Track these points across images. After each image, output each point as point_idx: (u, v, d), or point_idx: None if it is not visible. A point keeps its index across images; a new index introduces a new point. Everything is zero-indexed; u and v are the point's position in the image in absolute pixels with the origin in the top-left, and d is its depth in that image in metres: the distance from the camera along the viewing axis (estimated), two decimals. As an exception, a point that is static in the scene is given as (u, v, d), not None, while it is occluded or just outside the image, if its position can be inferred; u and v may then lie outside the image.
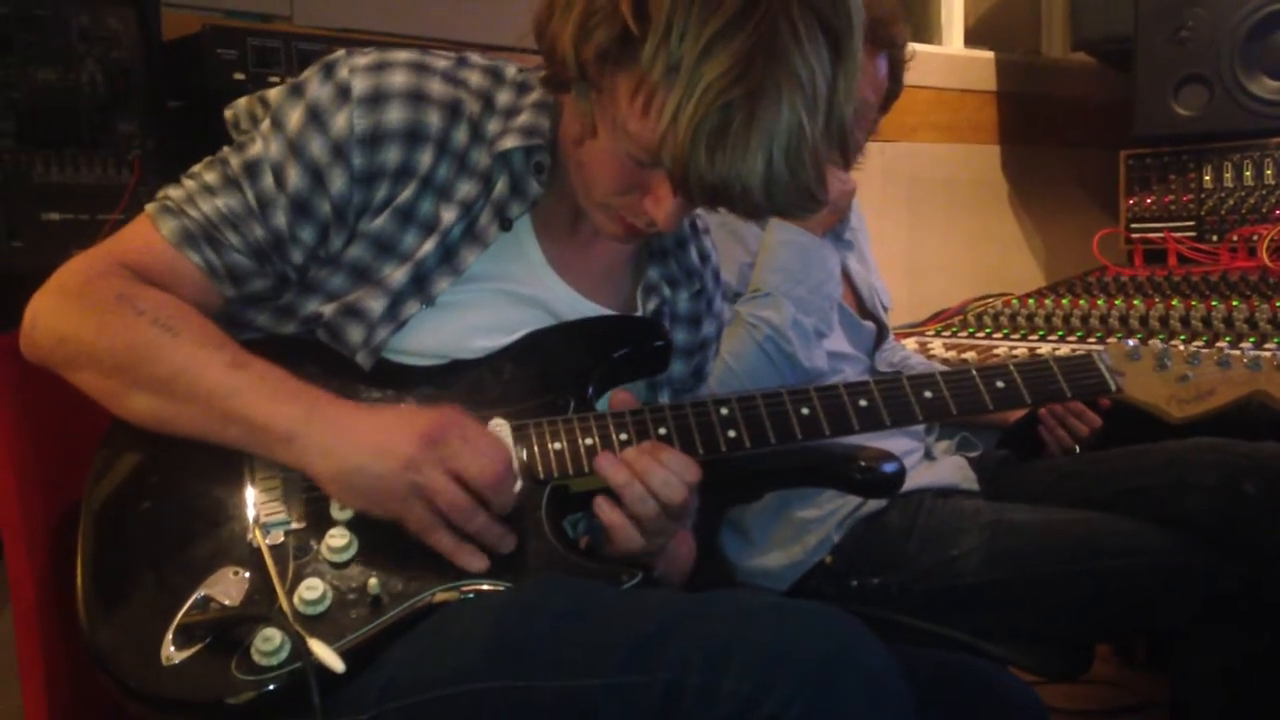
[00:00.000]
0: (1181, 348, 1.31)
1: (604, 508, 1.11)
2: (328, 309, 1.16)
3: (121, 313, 1.08)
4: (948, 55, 3.48)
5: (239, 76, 1.65)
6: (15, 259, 1.52)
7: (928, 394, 1.22)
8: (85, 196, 1.60)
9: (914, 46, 1.95)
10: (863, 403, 1.20)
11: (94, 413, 1.13)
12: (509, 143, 1.18)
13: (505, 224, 1.20)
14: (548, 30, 1.09)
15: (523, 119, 1.19)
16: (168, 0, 1.70)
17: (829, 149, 1.06)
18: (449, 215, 1.17)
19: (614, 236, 1.19)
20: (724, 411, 1.17)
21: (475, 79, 1.21)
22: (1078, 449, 2.01)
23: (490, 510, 1.07)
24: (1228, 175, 2.79)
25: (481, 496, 1.06)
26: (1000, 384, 1.24)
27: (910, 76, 1.96)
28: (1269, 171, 2.74)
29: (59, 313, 1.11)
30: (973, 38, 3.68)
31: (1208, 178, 2.82)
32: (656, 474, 1.10)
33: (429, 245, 1.16)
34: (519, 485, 1.10)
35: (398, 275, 1.15)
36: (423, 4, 2.20)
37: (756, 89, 0.98)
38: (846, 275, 2.00)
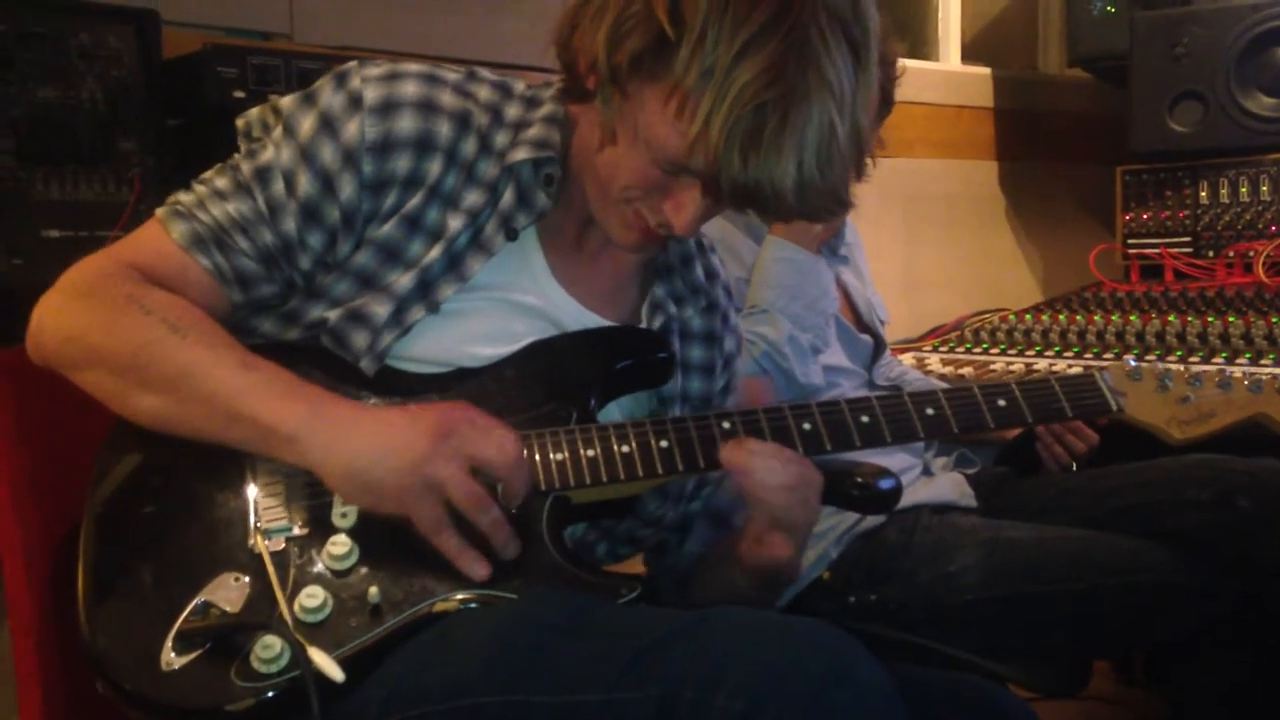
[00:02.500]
0: (1183, 369, 1.31)
1: (771, 540, 1.16)
2: (333, 314, 1.17)
3: (130, 313, 1.09)
4: (945, 71, 3.49)
5: (239, 94, 1.66)
6: (15, 276, 1.53)
7: (929, 411, 1.22)
8: (85, 214, 1.60)
9: (909, 63, 1.97)
10: (864, 419, 1.20)
11: (93, 428, 1.13)
12: (520, 154, 1.19)
13: (511, 234, 1.20)
14: (572, 40, 1.11)
15: (533, 132, 1.20)
16: (168, 19, 1.71)
17: (853, 155, 1.08)
18: (455, 224, 1.18)
19: (627, 243, 1.19)
20: (726, 426, 1.18)
21: (484, 93, 1.22)
22: (1075, 466, 2.01)
23: (500, 508, 1.07)
24: (1224, 191, 2.80)
25: (499, 479, 1.06)
26: (1002, 402, 1.24)
27: (907, 92, 1.97)
28: (1265, 187, 2.75)
29: (67, 313, 1.12)
30: (969, 54, 3.70)
31: (1204, 194, 2.83)
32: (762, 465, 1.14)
33: (435, 252, 1.17)
34: (527, 481, 1.10)
35: (403, 281, 1.16)
36: (422, 22, 2.21)
37: (789, 92, 1.00)
38: (843, 290, 2.01)
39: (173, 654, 1.01)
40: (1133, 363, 1.31)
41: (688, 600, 1.39)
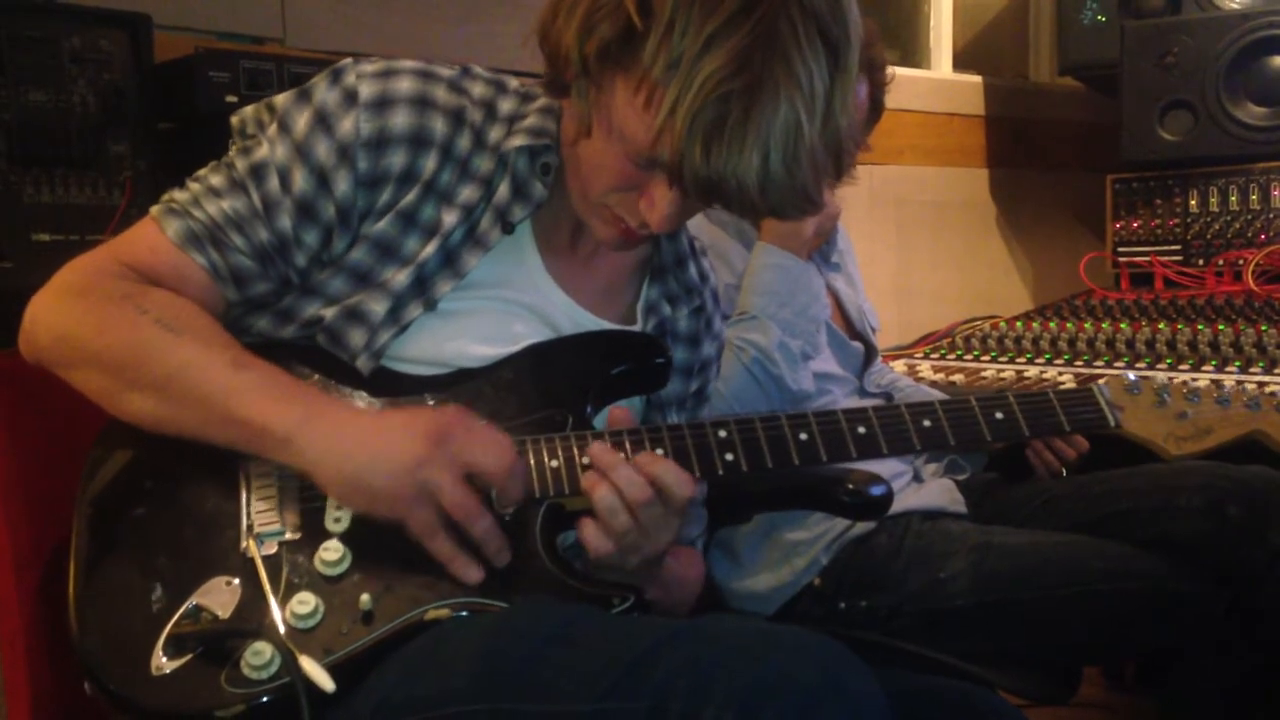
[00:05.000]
0: (1181, 383, 1.30)
1: (585, 526, 1.10)
2: (329, 312, 1.16)
3: (124, 312, 1.08)
4: (936, 79, 3.50)
5: (231, 99, 1.66)
6: (4, 280, 1.52)
7: (926, 423, 1.21)
8: (76, 217, 1.60)
9: (900, 70, 1.97)
10: (861, 430, 1.19)
11: (86, 433, 1.13)
12: (517, 141, 1.19)
13: (507, 227, 1.20)
14: (552, 30, 1.10)
15: (529, 121, 1.21)
16: (160, 22, 1.70)
17: (825, 156, 1.06)
18: (450, 218, 1.18)
19: (609, 241, 1.19)
20: (722, 434, 1.17)
21: (478, 89, 1.22)
22: (1065, 472, 2.02)
23: (494, 514, 1.07)
24: (1213, 200, 2.82)
25: (493, 488, 1.06)
26: (999, 415, 1.23)
27: (899, 100, 1.98)
28: (1254, 196, 2.77)
29: (60, 311, 1.11)
30: (961, 62, 3.71)
31: (1193, 202, 2.84)
32: (633, 480, 1.08)
33: (430, 248, 1.17)
34: (521, 487, 1.09)
35: (399, 278, 1.16)
36: (415, 26, 2.21)
37: (754, 84, 0.99)
38: (835, 296, 2.01)
39: (163, 658, 1.00)
40: (1131, 376, 1.30)
41: None
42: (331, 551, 1.06)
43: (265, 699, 0.99)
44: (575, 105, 1.11)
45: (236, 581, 1.05)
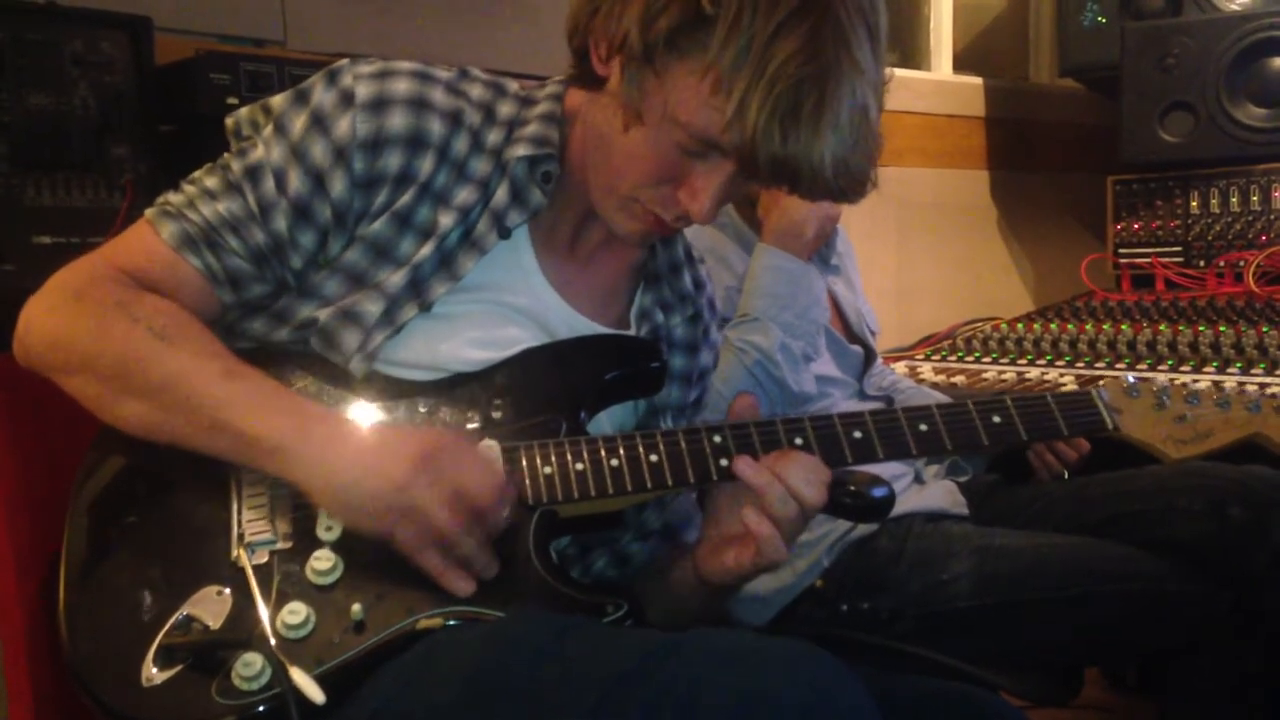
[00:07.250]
0: (1181, 385, 1.29)
1: (752, 518, 1.11)
2: (323, 314, 1.16)
3: (118, 319, 1.08)
4: (936, 81, 3.50)
5: (232, 101, 1.65)
6: (5, 282, 1.52)
7: (923, 427, 1.21)
8: (77, 220, 1.60)
9: (900, 72, 1.97)
10: (857, 434, 1.19)
11: (85, 437, 1.13)
12: (519, 151, 1.19)
13: (504, 232, 1.20)
14: (592, 24, 1.11)
15: (531, 129, 1.20)
16: (161, 25, 1.70)
17: (877, 139, 1.11)
18: (446, 220, 1.17)
19: (631, 235, 1.19)
20: (717, 439, 1.16)
21: (477, 91, 1.22)
22: (1066, 474, 2.02)
23: (480, 534, 1.06)
24: (1214, 201, 2.82)
25: (476, 515, 1.05)
26: (997, 419, 1.22)
27: (899, 102, 1.98)
28: (1255, 198, 2.77)
29: (55, 317, 1.11)
30: (961, 63, 3.71)
31: (1194, 204, 2.84)
32: (795, 473, 1.11)
33: (426, 249, 1.16)
34: (507, 511, 1.09)
35: (395, 279, 1.16)
36: (416, 29, 2.21)
37: (825, 70, 1.03)
38: (834, 300, 2.01)
39: (154, 669, 1.00)
40: (1130, 379, 1.29)
41: None
42: (323, 560, 1.06)
43: (255, 710, 0.98)
44: (623, 95, 1.11)
45: (227, 591, 1.04)
